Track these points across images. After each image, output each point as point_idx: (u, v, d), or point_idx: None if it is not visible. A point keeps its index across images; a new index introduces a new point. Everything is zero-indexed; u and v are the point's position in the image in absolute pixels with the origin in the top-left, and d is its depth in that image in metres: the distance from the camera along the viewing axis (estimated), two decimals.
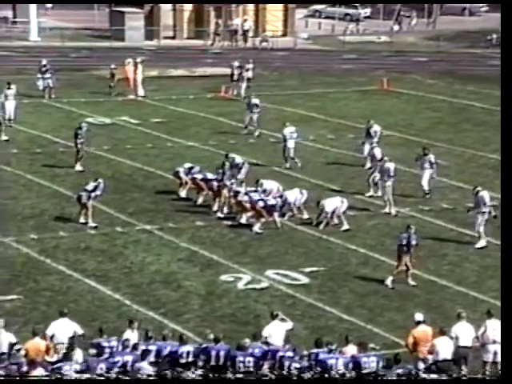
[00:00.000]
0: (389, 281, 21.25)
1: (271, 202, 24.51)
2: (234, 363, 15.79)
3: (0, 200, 26.09)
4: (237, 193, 24.89)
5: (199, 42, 53.67)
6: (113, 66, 39.30)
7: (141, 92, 39.19)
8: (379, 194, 26.53)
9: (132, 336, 16.51)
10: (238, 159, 26.90)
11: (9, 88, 33.81)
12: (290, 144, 29.63)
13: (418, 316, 17.30)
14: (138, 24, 53.08)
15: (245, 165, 26.88)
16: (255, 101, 33.57)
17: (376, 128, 29.85)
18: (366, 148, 29.23)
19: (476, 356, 17.14)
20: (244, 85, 39.35)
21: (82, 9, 56.68)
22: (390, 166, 26.09)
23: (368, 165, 28.63)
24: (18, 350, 15.75)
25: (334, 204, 24.57)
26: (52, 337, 16.57)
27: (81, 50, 50.22)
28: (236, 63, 40.24)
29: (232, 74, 39.89)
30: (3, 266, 21.72)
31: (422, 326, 17.14)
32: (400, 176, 27.03)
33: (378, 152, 27.58)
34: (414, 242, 21.28)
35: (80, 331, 16.84)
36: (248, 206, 24.54)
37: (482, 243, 23.58)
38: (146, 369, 15.63)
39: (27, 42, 52.27)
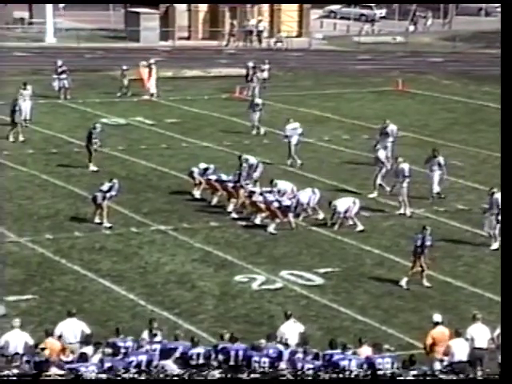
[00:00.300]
0: (404, 282, 21.18)
1: (286, 202, 24.44)
2: (250, 363, 15.74)
3: (16, 200, 26.15)
4: (252, 193, 24.86)
5: (214, 43, 53.60)
6: (124, 68, 39.30)
7: (153, 90, 39.12)
8: (393, 192, 26.39)
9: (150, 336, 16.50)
10: (252, 160, 26.85)
11: (25, 89, 33.88)
12: (293, 140, 29.56)
13: (437, 317, 17.26)
14: (153, 25, 53.05)
15: (259, 165, 26.85)
16: (258, 101, 33.58)
17: (392, 127, 29.73)
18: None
19: (492, 358, 17.00)
20: (257, 85, 39.26)
21: (97, 9, 56.71)
22: (405, 166, 25.99)
23: (388, 165, 28.53)
24: (43, 349, 15.71)
25: (346, 204, 24.50)
26: (60, 337, 16.51)
27: (96, 50, 50.26)
28: (251, 64, 40.22)
29: (247, 75, 39.84)
30: (19, 265, 21.77)
31: (439, 327, 17.11)
32: (415, 177, 26.83)
33: (381, 154, 27.43)
34: (428, 243, 21.20)
35: (88, 331, 16.79)
36: (263, 206, 24.50)
37: (497, 245, 23.46)
38: (170, 367, 15.56)
39: (43, 42, 52.34)
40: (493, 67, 47.18)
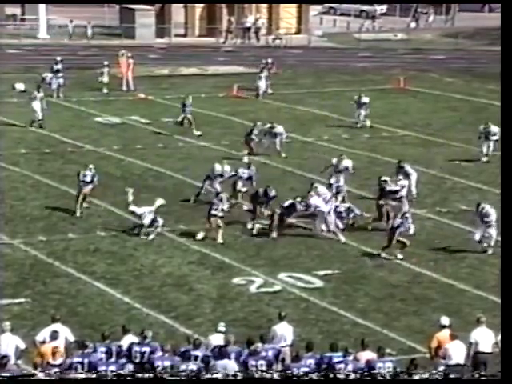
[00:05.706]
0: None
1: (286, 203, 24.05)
2: (247, 367, 15.42)
3: (8, 201, 25.85)
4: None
5: (211, 40, 53.24)
6: (105, 63, 38.86)
7: (131, 87, 39.00)
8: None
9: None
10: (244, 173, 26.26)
11: (38, 92, 33.50)
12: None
13: (444, 320, 17.05)
14: (148, 21, 52.67)
15: (252, 167, 26.36)
16: (188, 101, 33.26)
17: (494, 129, 29.68)
18: (485, 148, 29.83)
19: (497, 362, 16.59)
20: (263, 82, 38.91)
21: (91, 6, 56.20)
22: (406, 167, 25.89)
23: (484, 159, 29.20)
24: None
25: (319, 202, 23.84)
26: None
27: (90, 47, 49.84)
28: (270, 60, 40.29)
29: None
30: (11, 268, 21.49)
31: (446, 331, 16.86)
32: (417, 177, 26.55)
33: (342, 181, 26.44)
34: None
35: (72, 338, 16.44)
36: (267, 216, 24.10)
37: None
38: (231, 367, 15.19)
39: (36, 39, 51.84)
40: (496, 64, 46.59)
